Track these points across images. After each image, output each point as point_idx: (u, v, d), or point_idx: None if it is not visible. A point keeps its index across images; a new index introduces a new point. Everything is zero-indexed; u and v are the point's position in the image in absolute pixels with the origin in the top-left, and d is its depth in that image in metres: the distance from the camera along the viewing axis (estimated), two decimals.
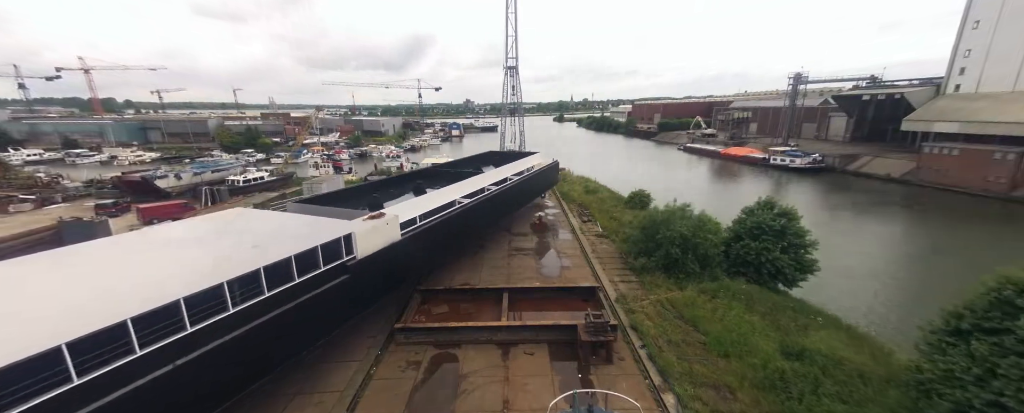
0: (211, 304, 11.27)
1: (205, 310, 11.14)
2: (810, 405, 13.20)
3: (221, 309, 11.54)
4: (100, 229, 30.69)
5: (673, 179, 74.26)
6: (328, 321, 15.14)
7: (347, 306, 15.83)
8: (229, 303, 11.66)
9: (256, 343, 12.40)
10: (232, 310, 11.74)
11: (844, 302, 26.10)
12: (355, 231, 15.75)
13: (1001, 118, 57.74)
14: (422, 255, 19.81)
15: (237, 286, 11.98)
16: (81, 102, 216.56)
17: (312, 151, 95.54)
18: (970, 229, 44.23)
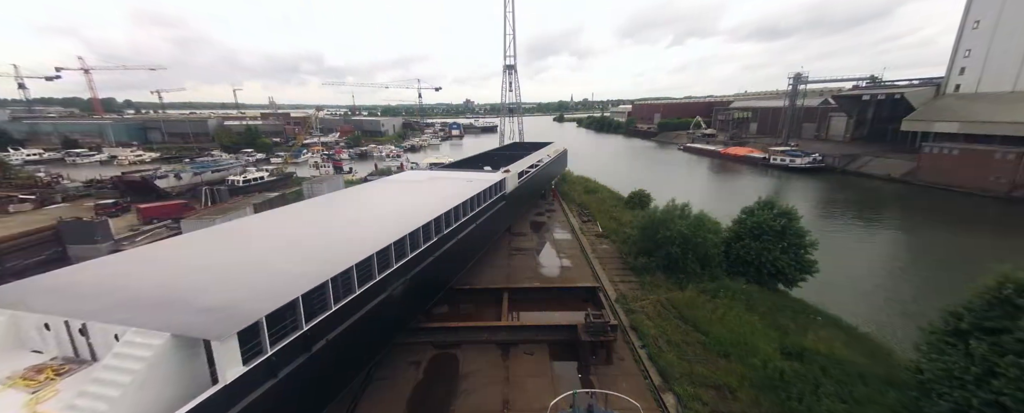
0: (448, 221, 19.06)
1: (444, 223, 18.69)
2: (810, 405, 13.20)
3: (454, 220, 19.79)
4: (100, 229, 30.66)
5: (673, 179, 74.26)
6: (498, 229, 27.67)
7: (506, 218, 28.57)
8: (444, 226, 18.74)
9: (466, 243, 21.18)
10: (454, 225, 19.71)
11: (844, 302, 26.10)
12: (504, 178, 27.64)
13: (1001, 118, 57.74)
14: (527, 195, 34.42)
15: (461, 208, 20.57)
16: (81, 102, 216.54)
17: (312, 151, 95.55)
18: (970, 229, 44.21)
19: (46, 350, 9.93)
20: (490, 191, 24.61)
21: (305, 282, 10.82)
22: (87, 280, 11.21)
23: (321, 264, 12.02)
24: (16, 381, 8.83)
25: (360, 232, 15.90)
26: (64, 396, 8.37)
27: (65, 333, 9.70)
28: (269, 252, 13.70)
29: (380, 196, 22.93)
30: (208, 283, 10.98)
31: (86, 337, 9.55)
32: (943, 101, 70.40)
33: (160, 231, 35.43)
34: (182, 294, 10.26)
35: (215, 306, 9.58)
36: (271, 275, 11.56)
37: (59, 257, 29.56)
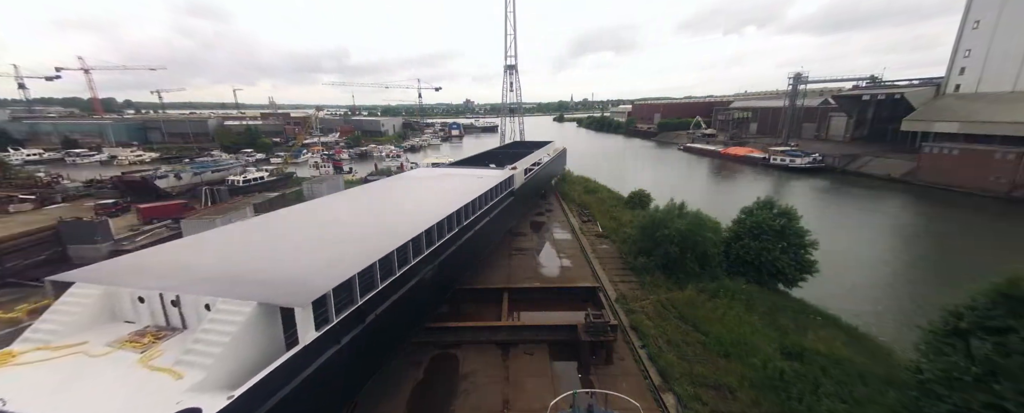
0: (468, 212, 20.72)
1: (463, 215, 20.19)
2: (810, 405, 13.20)
3: (473, 212, 21.50)
4: (100, 229, 30.65)
5: (673, 179, 74.27)
6: (507, 222, 29.00)
7: (514, 213, 29.39)
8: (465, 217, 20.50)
9: (481, 235, 22.85)
10: (473, 216, 21.45)
11: (844, 302, 26.10)
12: (513, 175, 29.21)
13: (1001, 118, 57.75)
14: (532, 192, 36.45)
15: (478, 201, 22.38)
16: (81, 102, 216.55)
17: (312, 151, 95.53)
18: (970, 229, 44.23)
19: (139, 320, 11.34)
20: (501, 186, 26.47)
21: (358, 263, 12.37)
22: (168, 260, 13.03)
23: (367, 247, 13.74)
24: (124, 344, 10.32)
25: (395, 220, 17.78)
26: (168, 356, 9.75)
27: (158, 305, 11.14)
28: (319, 236, 15.61)
29: (403, 190, 25.02)
30: (276, 261, 12.84)
31: (178, 308, 10.97)
32: (943, 101, 70.42)
33: (160, 231, 35.42)
34: (258, 270, 12.04)
35: (289, 280, 11.26)
36: (328, 256, 13.23)
37: (59, 257, 29.56)
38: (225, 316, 9.73)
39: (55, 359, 9.58)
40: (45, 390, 8.51)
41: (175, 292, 10.79)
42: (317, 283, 10.84)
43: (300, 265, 12.44)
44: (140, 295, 11.08)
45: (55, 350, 9.84)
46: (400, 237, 14.84)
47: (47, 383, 8.72)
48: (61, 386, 8.69)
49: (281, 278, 11.32)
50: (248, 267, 12.26)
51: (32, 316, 21.64)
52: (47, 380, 8.83)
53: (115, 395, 8.51)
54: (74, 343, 10.07)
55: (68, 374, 9.12)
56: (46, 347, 9.97)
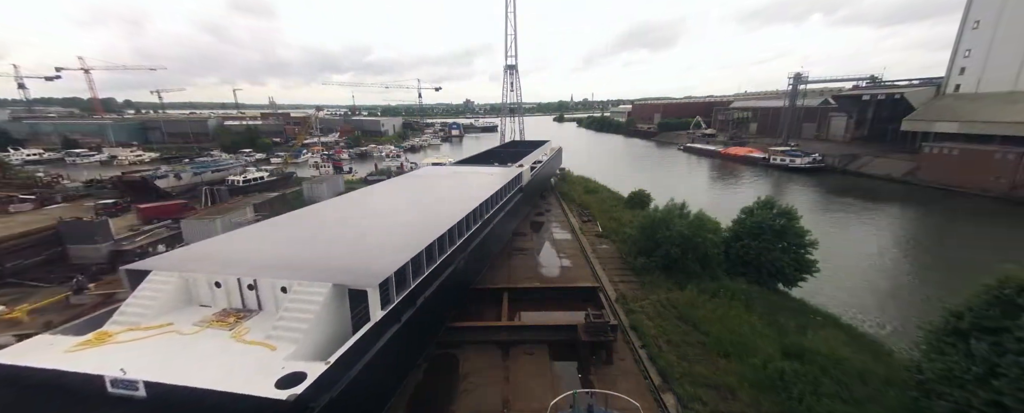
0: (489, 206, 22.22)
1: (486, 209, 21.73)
2: (810, 405, 13.19)
3: (491, 207, 22.97)
4: (100, 229, 30.63)
5: (673, 179, 74.27)
6: (517, 218, 30.38)
7: (522, 210, 30.73)
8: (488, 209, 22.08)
9: (498, 229, 24.38)
10: (494, 208, 23.37)
11: (844, 302, 26.12)
12: (521, 172, 31.10)
13: (1001, 118, 57.76)
14: (536, 189, 37.80)
15: (497, 195, 23.98)
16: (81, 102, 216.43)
17: (312, 151, 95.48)
18: (970, 229, 44.23)
19: (214, 304, 12.38)
20: (512, 183, 28.57)
21: (409, 250, 13.67)
22: (236, 248, 14.40)
23: (412, 237, 15.12)
24: (211, 323, 11.38)
25: (429, 213, 19.33)
26: (255, 333, 10.81)
27: (236, 289, 12.21)
28: (364, 226, 17.31)
29: (424, 186, 26.58)
30: (336, 248, 14.36)
31: (255, 291, 12.09)
32: (943, 101, 70.42)
33: (160, 231, 35.40)
34: (324, 257, 13.39)
35: (354, 265, 12.60)
36: (379, 243, 14.68)
37: (59, 257, 29.56)
38: (304, 297, 10.98)
39: (149, 337, 10.58)
40: (157, 361, 9.36)
41: (253, 277, 11.99)
42: (380, 268, 12.12)
43: (359, 251, 13.92)
44: (217, 281, 12.16)
45: (145, 330, 10.88)
46: (439, 227, 16.23)
47: (155, 356, 9.64)
48: (170, 357, 9.68)
49: (347, 263, 12.70)
50: (314, 254, 13.75)
51: (32, 316, 21.65)
52: (154, 353, 9.78)
53: (223, 363, 9.52)
54: (161, 324, 11.15)
55: (171, 348, 10.14)
56: (136, 328, 10.96)
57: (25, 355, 9.55)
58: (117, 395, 8.57)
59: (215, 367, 9.30)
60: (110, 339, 10.41)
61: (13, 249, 28.02)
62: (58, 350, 9.84)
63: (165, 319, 11.37)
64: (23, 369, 9.02)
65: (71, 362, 9.23)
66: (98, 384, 8.58)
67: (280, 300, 11.64)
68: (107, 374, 8.62)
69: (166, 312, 11.69)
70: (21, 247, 28.47)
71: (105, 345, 10.16)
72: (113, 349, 10.02)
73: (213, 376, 8.81)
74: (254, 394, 8.16)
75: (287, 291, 11.54)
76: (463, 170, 33.26)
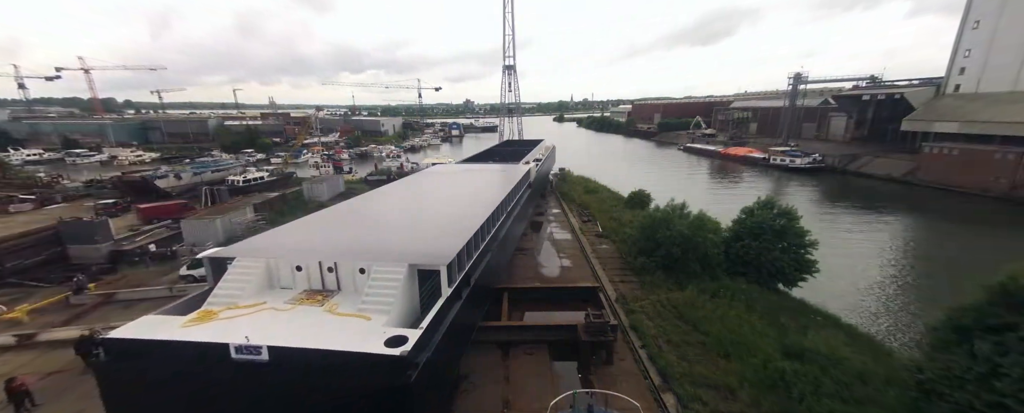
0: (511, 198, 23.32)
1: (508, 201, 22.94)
2: (810, 405, 13.19)
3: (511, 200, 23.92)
4: (100, 229, 30.64)
5: (673, 179, 74.24)
6: (527, 213, 31.27)
7: (531, 204, 31.31)
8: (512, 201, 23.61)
9: (517, 221, 25.38)
10: (514, 201, 24.67)
11: (844, 302, 26.11)
12: (529, 169, 32.50)
13: (1001, 118, 57.74)
14: (541, 183, 40.08)
15: (515, 189, 25.25)
16: (81, 102, 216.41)
17: (312, 151, 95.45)
18: (970, 229, 44.23)
19: (295, 286, 13.52)
20: (524, 178, 30.05)
21: (461, 236, 15.10)
22: (308, 235, 16.04)
23: (459, 224, 16.74)
24: (303, 300, 12.59)
25: (463, 204, 21.33)
26: (344, 307, 12.06)
27: (317, 272, 13.41)
28: (413, 214, 19.53)
29: (448, 181, 28.37)
30: (398, 234, 16.18)
31: (335, 273, 13.34)
32: (943, 101, 70.41)
33: (160, 231, 35.43)
34: (394, 241, 15.19)
35: (422, 249, 13.99)
36: (433, 231, 16.37)
37: (59, 257, 29.57)
38: (384, 276, 12.33)
39: (249, 314, 11.67)
40: (268, 331, 10.31)
41: (333, 260, 13.28)
42: (445, 251, 13.64)
43: (418, 237, 15.62)
44: (298, 265, 13.40)
45: (244, 308, 11.93)
46: (478, 217, 17.78)
47: (265, 327, 10.64)
48: (278, 328, 10.76)
49: (415, 247, 14.28)
50: (381, 239, 15.56)
51: (32, 316, 21.64)
52: (262, 325, 10.80)
53: (328, 331, 10.69)
54: (255, 303, 12.24)
55: (275, 321, 11.30)
56: (235, 306, 12.05)
57: (144, 331, 10.72)
58: (241, 360, 9.68)
59: (323, 334, 10.48)
60: (215, 317, 11.52)
61: (13, 249, 28.04)
62: (173, 326, 11.01)
63: (256, 299, 12.47)
64: (156, 342, 10.27)
65: (193, 334, 10.50)
66: (223, 351, 9.70)
67: (358, 280, 13.04)
68: (232, 342, 9.73)
69: (254, 294, 12.80)
70: (21, 247, 28.49)
71: (213, 321, 11.31)
72: (222, 324, 11.18)
73: (325, 341, 10.00)
74: (371, 352, 9.54)
75: (365, 272, 12.91)
76: (474, 167, 35.01)
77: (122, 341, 10.40)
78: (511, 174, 29.84)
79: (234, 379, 9.82)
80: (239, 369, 9.71)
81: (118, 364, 10.30)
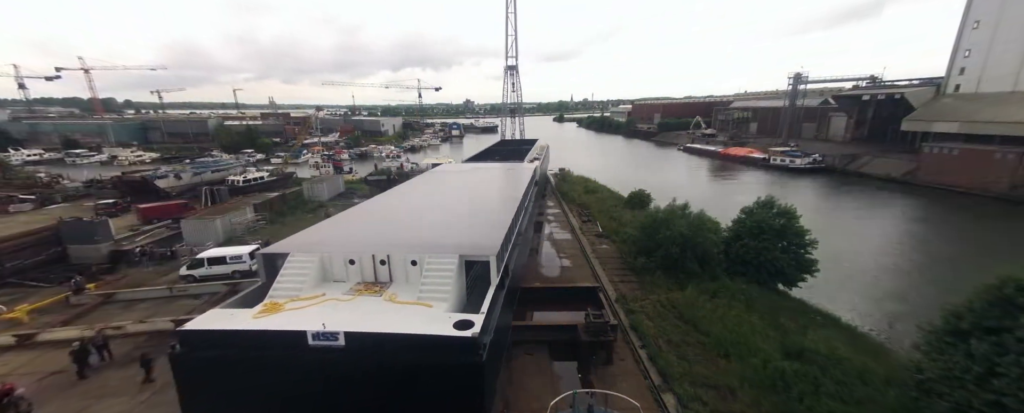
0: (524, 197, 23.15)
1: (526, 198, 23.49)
2: (810, 405, 13.20)
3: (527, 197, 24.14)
4: (100, 229, 30.63)
5: (673, 179, 74.21)
6: (536, 210, 31.89)
7: (538, 202, 31.44)
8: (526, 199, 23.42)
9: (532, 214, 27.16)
10: (530, 197, 25.57)
11: (844, 302, 26.10)
12: (534, 167, 33.42)
13: (1001, 118, 57.73)
14: (543, 181, 40.51)
15: (529, 187, 25.82)
16: (81, 102, 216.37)
17: (312, 151, 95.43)
18: (970, 229, 44.22)
19: (348, 278, 14.05)
20: (532, 177, 30.75)
21: (500, 229, 16.07)
22: (354, 230, 17.26)
23: (493, 218, 17.82)
24: (361, 291, 13.18)
25: (486, 200, 22.44)
26: (402, 297, 12.66)
27: (370, 265, 13.98)
28: (448, 209, 20.50)
29: (460, 180, 29.15)
30: (442, 228, 17.15)
31: (387, 265, 13.89)
32: (943, 101, 70.41)
33: (160, 231, 35.42)
34: (438, 234, 16.06)
35: (468, 241, 14.95)
36: (471, 224, 17.38)
37: (59, 257, 29.55)
38: (438, 267, 13.09)
39: (313, 305, 12.14)
40: (338, 319, 10.86)
41: (386, 253, 13.87)
42: (490, 243, 14.55)
43: (462, 230, 16.77)
44: (351, 258, 13.97)
45: (306, 300, 12.43)
46: (506, 212, 18.90)
47: (333, 316, 11.13)
48: (346, 316, 11.32)
49: (461, 240, 15.19)
50: (426, 232, 16.51)
51: (32, 316, 21.64)
52: (330, 314, 11.30)
53: (395, 318, 11.35)
54: (315, 295, 12.75)
55: (339, 310, 11.80)
56: (297, 298, 12.51)
57: (216, 323, 11.31)
58: (318, 346, 10.31)
59: (392, 320, 11.15)
60: (281, 308, 11.96)
61: (13, 249, 28.00)
62: (243, 318, 11.56)
63: (315, 292, 13.00)
64: (235, 332, 10.88)
65: (267, 324, 11.12)
66: (301, 338, 10.31)
67: (410, 272, 13.69)
68: (309, 329, 10.32)
69: (311, 287, 13.30)
70: (21, 247, 28.45)
71: (281, 313, 11.74)
72: (290, 314, 11.65)
73: (397, 326, 10.70)
74: (445, 334, 10.31)
75: (417, 264, 13.57)
76: (482, 166, 35.95)
77: (200, 333, 10.95)
78: (520, 173, 30.72)
79: (311, 364, 10.37)
80: (316, 354, 10.34)
81: (195, 355, 10.79)
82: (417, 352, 10.25)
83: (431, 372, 10.21)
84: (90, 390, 15.67)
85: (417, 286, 12.89)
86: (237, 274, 25.60)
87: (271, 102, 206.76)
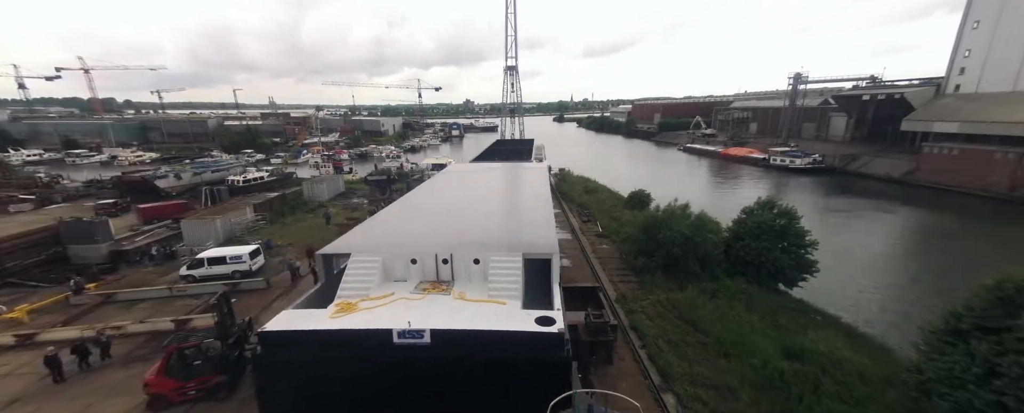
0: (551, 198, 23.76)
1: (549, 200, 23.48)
2: (810, 405, 13.19)
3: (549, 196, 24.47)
4: (100, 229, 30.63)
5: (673, 179, 74.22)
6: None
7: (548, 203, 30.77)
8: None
9: None
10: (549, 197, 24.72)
11: (844, 302, 26.09)
12: (543, 166, 35.28)
13: (1001, 118, 57.71)
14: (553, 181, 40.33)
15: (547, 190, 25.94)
16: (81, 102, 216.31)
17: (312, 151, 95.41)
18: (969, 229, 44.21)
19: (409, 278, 14.16)
20: (549, 175, 32.43)
21: (550, 226, 16.87)
22: (408, 231, 17.46)
23: (535, 215, 18.90)
24: (429, 290, 13.27)
25: (517, 199, 23.09)
26: (471, 294, 12.83)
27: (432, 264, 14.10)
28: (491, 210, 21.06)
29: (482, 179, 29.95)
30: (495, 225, 17.98)
31: (450, 264, 14.03)
32: (943, 101, 70.38)
33: (160, 231, 35.41)
34: (497, 232, 16.68)
35: (527, 240, 15.57)
36: (522, 222, 18.42)
37: (59, 257, 29.54)
38: (503, 265, 13.43)
39: (385, 304, 12.29)
40: (417, 316, 11.02)
41: (449, 253, 14.03)
42: (546, 241, 15.24)
43: (514, 228, 17.52)
44: (413, 258, 14.15)
45: (377, 299, 12.56)
46: (547, 210, 19.74)
47: (411, 314, 11.18)
48: (426, 313, 11.45)
49: (520, 238, 15.80)
50: (484, 231, 16.87)
51: (32, 316, 21.64)
52: (408, 313, 11.37)
53: (472, 315, 11.59)
54: (385, 294, 12.89)
55: (414, 309, 11.86)
56: (368, 298, 12.67)
57: (294, 323, 11.37)
58: (404, 344, 10.50)
59: (472, 317, 11.33)
60: (355, 308, 12.09)
61: (13, 249, 28.00)
62: (319, 318, 11.72)
63: (381, 291, 13.14)
64: (321, 331, 11.00)
65: (348, 323, 11.28)
66: (386, 336, 10.53)
67: (471, 270, 13.93)
68: (395, 327, 10.57)
69: (376, 286, 13.49)
70: (21, 247, 28.45)
71: (358, 312, 11.89)
72: (367, 313, 11.82)
73: (480, 323, 10.92)
74: (531, 330, 10.59)
75: (479, 262, 13.84)
76: (496, 166, 36.60)
77: (283, 333, 11.00)
78: (537, 172, 31.43)
79: (396, 361, 10.49)
80: (401, 352, 10.52)
81: (277, 355, 10.87)
82: (504, 348, 10.41)
83: (518, 368, 10.39)
84: (89, 391, 15.68)
85: (480, 284, 13.20)
86: (237, 274, 25.58)
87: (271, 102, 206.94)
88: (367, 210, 35.98)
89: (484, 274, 13.61)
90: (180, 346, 14.48)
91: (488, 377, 10.47)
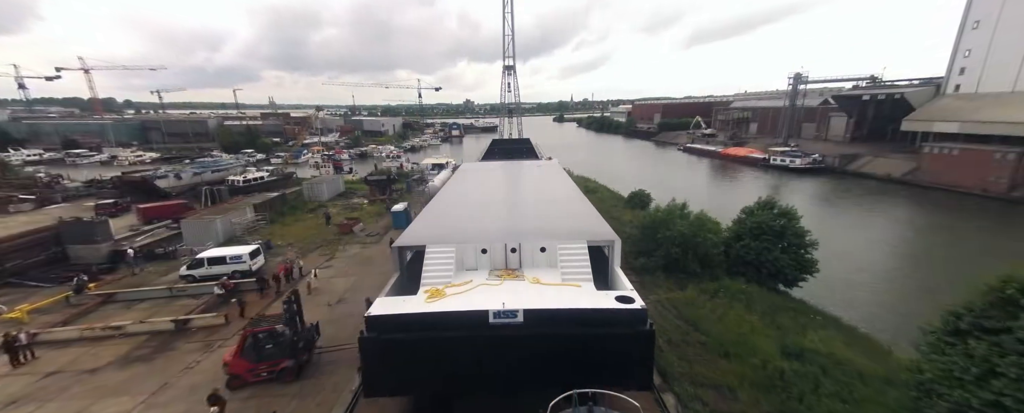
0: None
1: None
2: (810, 405, 13.20)
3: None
4: (100, 229, 30.62)
5: (673, 179, 74.24)
6: None
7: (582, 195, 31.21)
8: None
9: None
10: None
11: (844, 302, 26.10)
12: (552, 164, 36.12)
13: (1001, 118, 57.74)
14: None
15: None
16: (81, 102, 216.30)
17: (312, 151, 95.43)
18: (970, 229, 44.22)
19: (479, 266, 14.78)
20: (561, 170, 32.70)
21: (597, 216, 18.09)
22: (474, 221, 18.64)
23: (581, 209, 19.93)
24: (506, 277, 13.99)
25: (553, 195, 23.77)
26: (545, 279, 13.58)
27: (501, 253, 14.81)
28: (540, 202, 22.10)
29: (505, 176, 31.06)
30: (555, 215, 18.85)
31: (518, 253, 14.82)
32: (943, 101, 70.41)
33: (160, 231, 35.41)
34: (562, 221, 17.89)
35: (587, 228, 16.50)
36: (575, 212, 19.28)
37: (59, 257, 29.54)
38: (571, 252, 14.25)
39: (468, 291, 13.00)
40: (505, 297, 11.88)
41: (518, 242, 14.89)
42: (604, 228, 16.25)
43: (567, 217, 18.43)
44: (483, 247, 14.82)
45: (460, 286, 13.25)
46: (585, 202, 21.16)
47: (498, 297, 12.08)
48: (512, 295, 12.22)
49: (582, 226, 16.72)
50: (544, 221, 17.95)
51: (32, 316, 21.65)
52: (495, 295, 12.32)
53: (557, 296, 12.39)
54: (465, 281, 13.59)
55: (498, 292, 12.66)
56: (453, 285, 13.40)
57: (397, 308, 12.08)
58: (499, 323, 11.28)
59: (555, 298, 12.13)
60: (443, 294, 12.75)
61: (13, 249, 27.99)
62: (418, 302, 12.46)
63: (460, 279, 13.80)
64: (422, 314, 11.79)
65: (444, 307, 12.03)
66: (483, 317, 11.26)
67: (537, 258, 14.67)
68: (490, 308, 11.31)
69: (454, 274, 14.10)
70: (21, 247, 28.43)
71: (446, 298, 12.58)
72: (459, 298, 12.54)
73: (567, 302, 11.75)
74: (617, 307, 11.55)
75: (545, 250, 14.60)
76: (510, 164, 37.66)
77: (388, 317, 11.73)
78: (555, 169, 32.94)
79: (491, 339, 11.29)
80: (496, 330, 11.29)
81: (382, 338, 11.49)
82: (591, 324, 11.29)
83: (606, 341, 11.23)
84: (89, 391, 15.70)
85: (548, 270, 14.01)
86: (237, 274, 25.57)
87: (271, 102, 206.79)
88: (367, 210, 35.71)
89: (550, 261, 14.42)
90: (255, 330, 15.67)
91: (579, 351, 11.31)
